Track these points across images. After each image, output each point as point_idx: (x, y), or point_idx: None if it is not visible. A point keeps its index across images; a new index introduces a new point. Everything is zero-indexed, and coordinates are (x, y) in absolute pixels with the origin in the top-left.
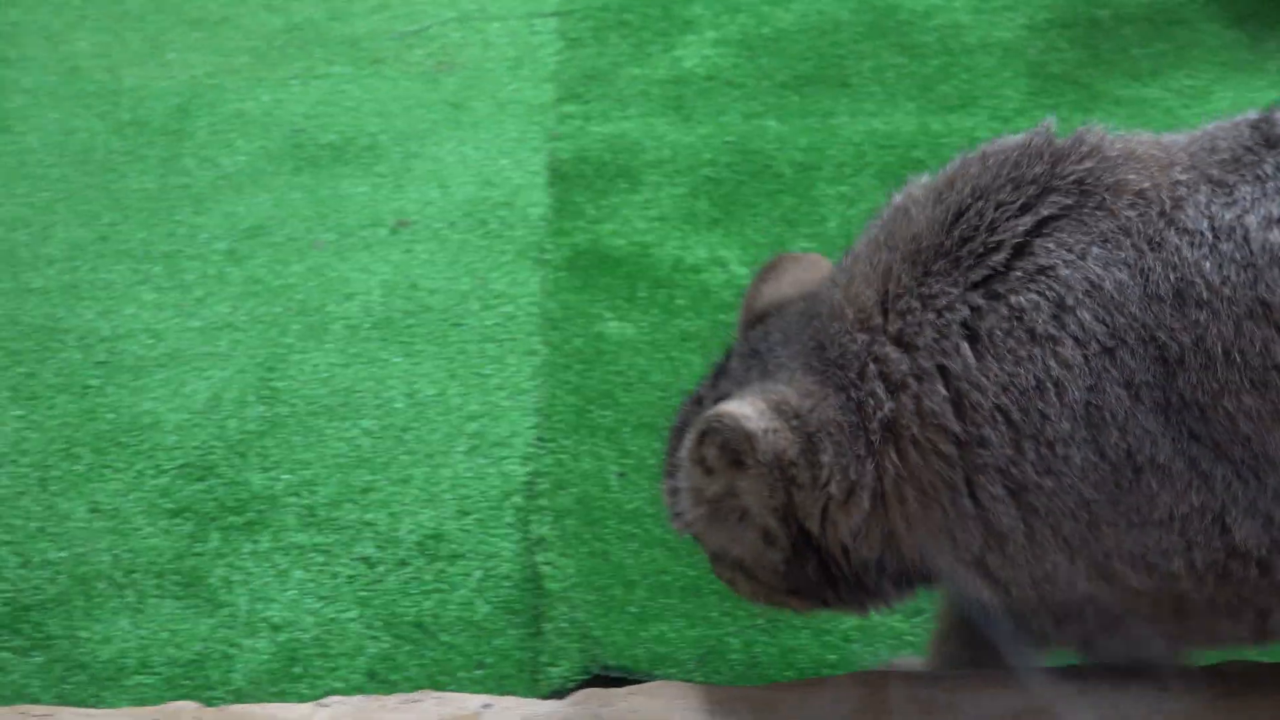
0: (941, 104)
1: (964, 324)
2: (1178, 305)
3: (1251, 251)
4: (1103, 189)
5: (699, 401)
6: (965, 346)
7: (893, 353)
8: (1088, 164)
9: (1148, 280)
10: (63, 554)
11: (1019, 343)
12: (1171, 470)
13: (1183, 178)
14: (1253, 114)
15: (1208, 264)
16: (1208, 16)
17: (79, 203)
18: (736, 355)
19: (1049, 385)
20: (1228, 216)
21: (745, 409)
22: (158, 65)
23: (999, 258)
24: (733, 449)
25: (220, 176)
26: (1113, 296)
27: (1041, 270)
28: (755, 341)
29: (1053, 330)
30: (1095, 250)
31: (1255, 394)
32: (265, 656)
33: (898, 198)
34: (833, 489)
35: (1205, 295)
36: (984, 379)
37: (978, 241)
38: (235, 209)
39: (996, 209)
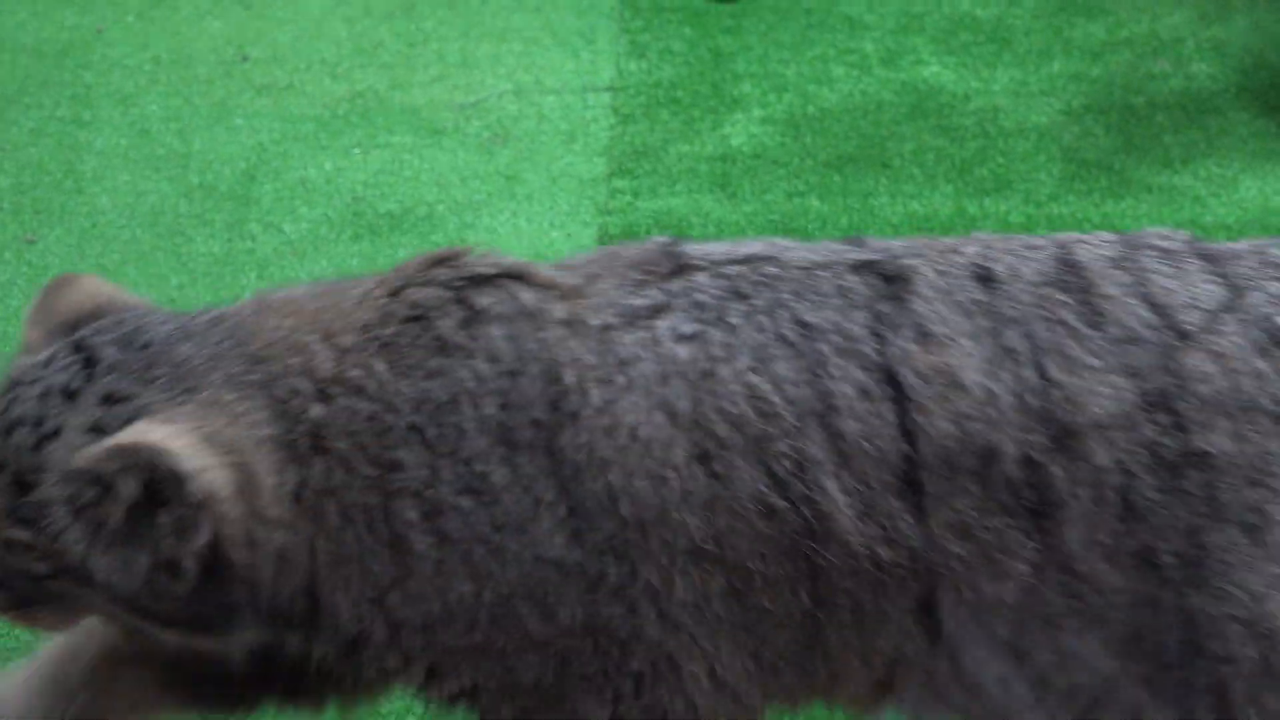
0: (978, 187)
1: (378, 331)
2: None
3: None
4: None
5: (71, 395)
6: (379, 362)
7: (323, 360)
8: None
9: (538, 324)
10: None
11: (429, 353)
12: (560, 519)
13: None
14: (662, 239)
15: (577, 345)
16: (1240, 105)
17: (148, 264)
18: (111, 345)
19: (464, 398)
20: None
21: (177, 443)
22: (225, 130)
23: (422, 275)
24: (157, 486)
25: (284, 242)
26: (519, 326)
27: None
28: (129, 335)
29: (463, 340)
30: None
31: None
32: None
33: None
34: (268, 512)
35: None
36: (397, 395)
37: (409, 270)
38: (298, 274)
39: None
